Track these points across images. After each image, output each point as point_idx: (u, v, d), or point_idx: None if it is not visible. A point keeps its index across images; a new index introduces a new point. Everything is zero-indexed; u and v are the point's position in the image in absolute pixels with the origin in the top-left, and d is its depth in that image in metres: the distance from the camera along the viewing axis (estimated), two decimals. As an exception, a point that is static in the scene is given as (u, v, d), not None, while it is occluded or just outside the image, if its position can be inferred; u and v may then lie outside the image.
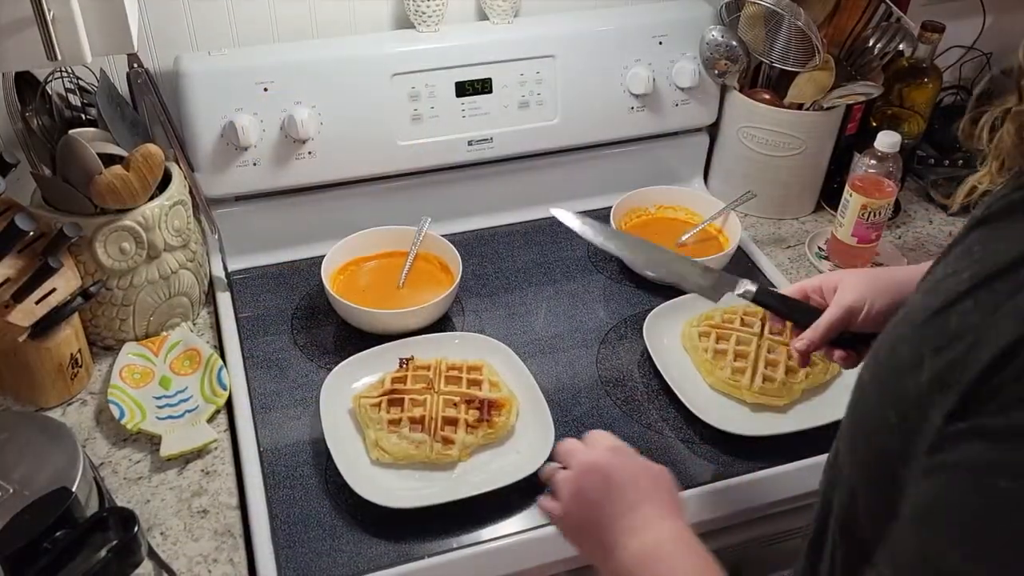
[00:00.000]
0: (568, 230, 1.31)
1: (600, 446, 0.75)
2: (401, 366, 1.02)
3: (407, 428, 0.94)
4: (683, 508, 0.71)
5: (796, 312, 0.88)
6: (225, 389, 1.01)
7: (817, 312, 0.84)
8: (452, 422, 0.95)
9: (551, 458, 0.85)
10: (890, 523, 0.46)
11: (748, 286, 0.90)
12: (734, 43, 1.27)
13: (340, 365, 1.03)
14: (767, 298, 0.89)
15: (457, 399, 0.97)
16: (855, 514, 0.55)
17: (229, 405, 1.02)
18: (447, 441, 0.93)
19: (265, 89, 1.13)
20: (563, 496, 0.73)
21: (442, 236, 1.20)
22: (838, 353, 0.84)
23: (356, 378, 1.03)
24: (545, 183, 1.35)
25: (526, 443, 0.96)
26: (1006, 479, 0.39)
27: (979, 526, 0.41)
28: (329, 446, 0.93)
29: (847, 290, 0.83)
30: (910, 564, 0.44)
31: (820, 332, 0.83)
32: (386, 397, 0.97)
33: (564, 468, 0.74)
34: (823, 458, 0.65)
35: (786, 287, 0.92)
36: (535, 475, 0.89)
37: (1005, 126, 0.52)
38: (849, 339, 0.84)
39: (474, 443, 0.95)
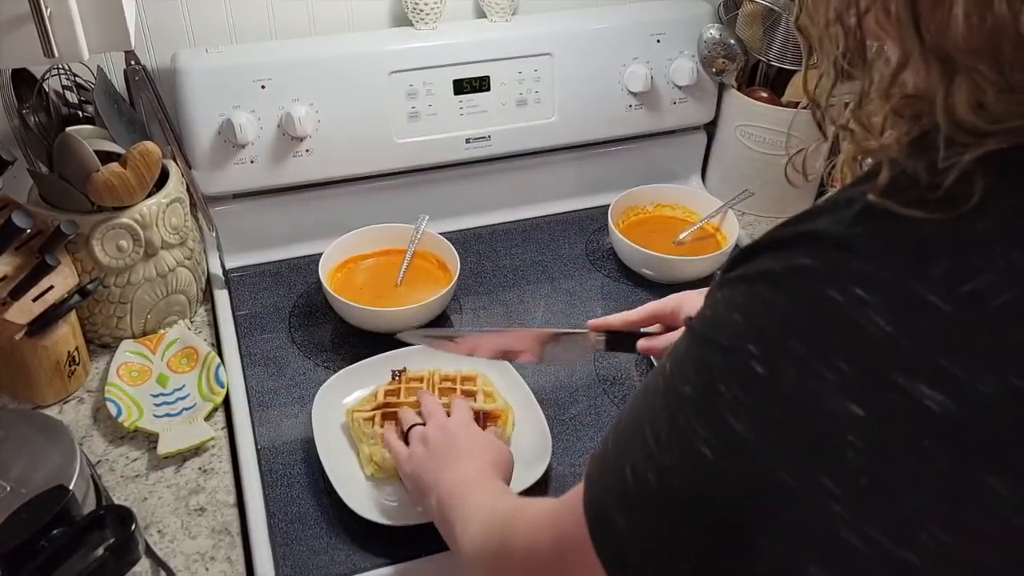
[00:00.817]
0: (567, 228, 1.33)
1: (457, 413, 0.89)
2: (393, 378, 1.00)
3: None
4: (507, 474, 0.83)
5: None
6: (223, 387, 1.01)
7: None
8: None
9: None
10: None
11: (598, 337, 0.94)
12: (732, 41, 1.27)
13: (331, 379, 1.00)
14: (619, 345, 0.94)
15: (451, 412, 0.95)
16: None
17: (227, 403, 1.02)
18: None
19: (263, 87, 1.13)
20: (413, 443, 0.86)
21: (440, 234, 1.19)
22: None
23: (348, 392, 1.00)
24: (543, 181, 1.34)
25: (522, 454, 0.94)
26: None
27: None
28: (324, 464, 0.91)
29: (684, 307, 0.90)
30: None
31: (659, 346, 0.91)
32: (379, 411, 0.95)
33: (422, 424, 0.88)
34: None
35: (638, 310, 0.94)
36: (534, 487, 0.90)
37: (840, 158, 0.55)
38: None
39: None
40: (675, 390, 0.46)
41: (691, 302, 0.90)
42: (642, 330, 0.94)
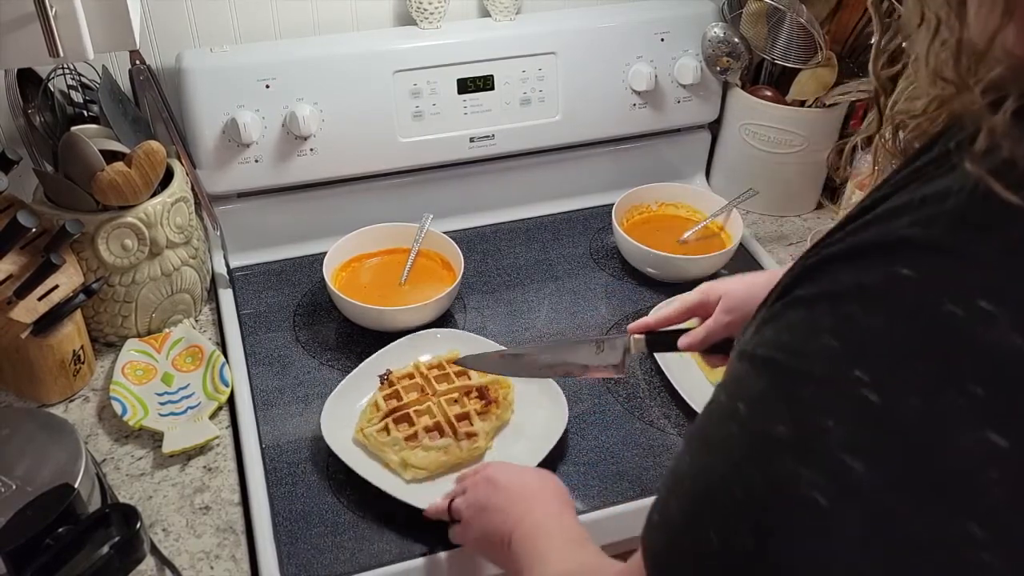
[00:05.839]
0: (571, 227, 1.33)
1: (488, 466, 0.84)
2: (383, 383, 1.00)
3: (427, 438, 0.92)
4: (570, 503, 0.79)
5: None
6: (227, 386, 1.01)
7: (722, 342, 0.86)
8: (465, 416, 0.95)
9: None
10: None
11: (637, 339, 0.89)
12: (736, 40, 1.26)
13: (327, 403, 0.97)
14: (659, 345, 0.90)
15: (457, 394, 0.97)
16: None
17: (231, 402, 1.02)
18: (470, 435, 0.93)
19: (267, 86, 1.13)
20: (463, 515, 0.81)
21: (444, 233, 1.20)
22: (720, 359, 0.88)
23: (351, 404, 0.98)
24: (547, 180, 1.34)
25: (539, 422, 0.97)
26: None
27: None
28: (365, 475, 0.90)
29: (728, 304, 0.84)
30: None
31: (699, 339, 0.85)
32: (390, 418, 0.94)
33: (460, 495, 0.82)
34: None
35: (666, 306, 0.90)
36: (550, 456, 0.92)
37: (879, 139, 0.51)
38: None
39: (492, 428, 0.95)
40: (763, 434, 0.39)
41: (718, 287, 0.86)
42: (679, 326, 0.91)
